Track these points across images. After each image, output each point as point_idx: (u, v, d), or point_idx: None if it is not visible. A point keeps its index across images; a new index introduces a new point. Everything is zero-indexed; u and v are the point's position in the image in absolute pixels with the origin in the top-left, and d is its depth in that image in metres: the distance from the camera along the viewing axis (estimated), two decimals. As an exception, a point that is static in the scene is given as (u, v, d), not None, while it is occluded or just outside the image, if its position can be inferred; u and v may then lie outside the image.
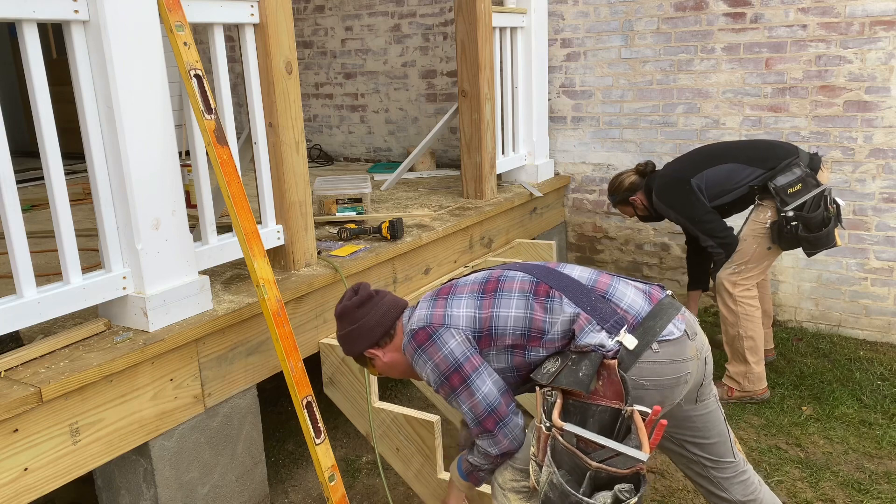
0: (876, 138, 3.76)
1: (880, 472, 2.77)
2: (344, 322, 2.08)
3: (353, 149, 5.89)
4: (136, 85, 2.08)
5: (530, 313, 1.87)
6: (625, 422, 1.71)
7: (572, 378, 1.74)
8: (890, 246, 3.84)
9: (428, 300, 2.00)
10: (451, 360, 1.88)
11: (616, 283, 1.92)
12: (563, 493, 1.63)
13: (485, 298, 1.92)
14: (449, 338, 1.89)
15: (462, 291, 1.96)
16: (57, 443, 1.94)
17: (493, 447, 1.93)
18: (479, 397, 1.88)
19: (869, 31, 3.68)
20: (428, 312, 1.94)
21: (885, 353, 3.79)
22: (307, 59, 5.85)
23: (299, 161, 2.68)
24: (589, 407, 1.73)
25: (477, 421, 1.91)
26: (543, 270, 1.96)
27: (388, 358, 2.06)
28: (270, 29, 2.49)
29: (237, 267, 2.80)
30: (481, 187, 3.95)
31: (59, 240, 2.04)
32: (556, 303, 1.86)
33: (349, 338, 2.07)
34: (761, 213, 3.17)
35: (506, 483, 1.96)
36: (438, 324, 1.91)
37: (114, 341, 2.12)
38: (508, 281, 1.94)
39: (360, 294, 2.07)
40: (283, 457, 3.09)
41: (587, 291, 1.88)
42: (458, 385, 1.89)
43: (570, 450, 1.65)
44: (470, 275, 2.06)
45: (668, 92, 4.28)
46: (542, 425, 1.73)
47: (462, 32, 3.72)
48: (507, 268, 2.02)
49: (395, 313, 2.06)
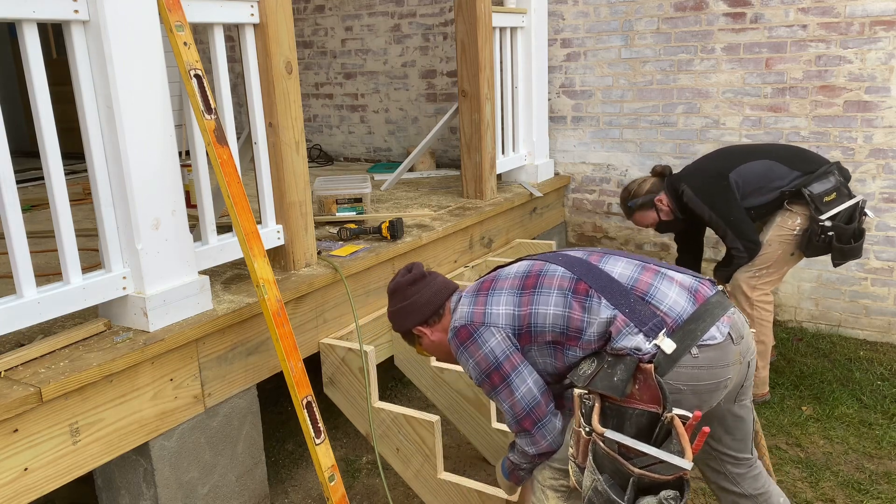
0: (876, 138, 3.76)
1: (880, 472, 2.77)
2: (396, 298, 2.14)
3: (353, 149, 5.89)
4: (136, 85, 2.08)
5: (568, 311, 1.85)
6: (664, 426, 1.68)
7: (607, 382, 1.72)
8: (890, 246, 3.84)
9: (471, 295, 2.00)
10: (492, 358, 1.89)
11: (658, 283, 1.85)
12: (609, 501, 1.62)
13: (523, 295, 1.91)
14: (489, 336, 1.90)
15: (502, 286, 1.95)
16: (57, 443, 1.94)
17: (531, 447, 1.94)
18: (518, 396, 1.89)
19: (869, 31, 3.68)
20: (469, 310, 1.95)
21: (885, 353, 3.79)
22: (307, 59, 5.85)
23: (299, 161, 2.68)
24: (625, 411, 1.71)
25: (516, 420, 1.92)
26: (584, 267, 1.92)
27: (436, 337, 2.11)
28: (270, 29, 2.49)
29: (237, 267, 2.80)
30: (481, 187, 3.95)
31: (59, 240, 2.04)
32: (594, 302, 1.83)
33: (399, 314, 2.13)
34: (790, 220, 3.07)
35: (545, 481, 1.97)
36: (479, 322, 1.92)
37: (114, 341, 2.12)
38: (548, 277, 1.91)
39: (414, 272, 2.13)
40: (283, 457, 3.09)
41: (626, 292, 1.83)
42: (498, 383, 1.90)
43: (611, 456, 1.63)
44: (513, 264, 2.05)
45: (668, 92, 4.28)
46: (582, 430, 1.71)
47: (462, 32, 3.72)
48: (548, 260, 1.98)
49: (444, 294, 2.11)
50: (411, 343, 2.20)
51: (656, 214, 3.37)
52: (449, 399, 2.93)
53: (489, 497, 2.36)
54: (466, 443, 3.03)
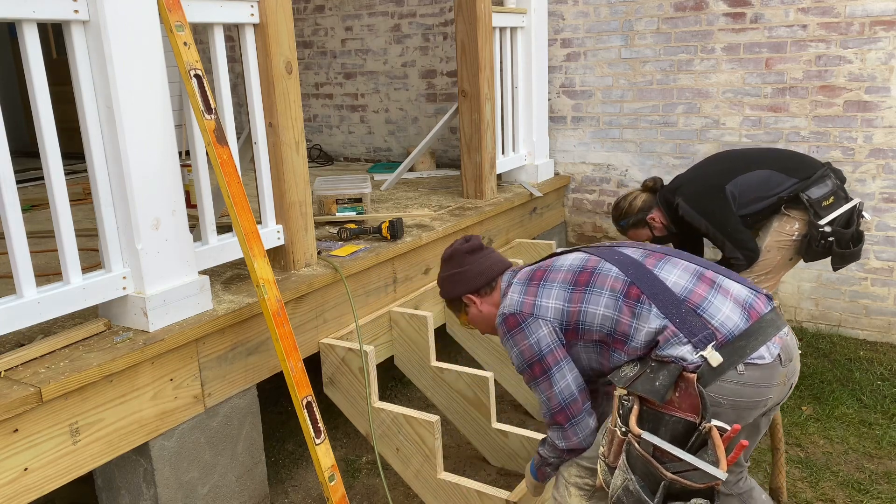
0: (876, 138, 3.76)
1: (880, 472, 2.77)
2: (451, 264, 2.16)
3: (353, 149, 5.89)
4: (136, 85, 2.08)
5: (618, 315, 1.84)
6: (701, 436, 1.67)
7: (648, 386, 1.73)
8: (890, 246, 3.84)
9: (523, 283, 2.00)
10: (536, 350, 1.91)
11: (713, 296, 1.82)
12: (639, 501, 1.62)
13: (575, 291, 1.90)
14: (536, 328, 1.91)
15: (555, 279, 1.95)
16: (57, 443, 1.94)
17: (562, 441, 1.97)
18: (556, 390, 1.92)
19: (869, 31, 3.68)
20: (520, 299, 1.96)
21: (885, 353, 3.79)
22: (307, 59, 5.85)
23: (299, 161, 2.68)
24: (663, 416, 1.71)
25: (550, 413, 1.95)
26: (639, 271, 1.88)
27: (485, 309, 2.13)
28: (270, 29, 2.49)
29: (237, 267, 2.80)
30: (481, 187, 3.95)
31: (59, 240, 2.04)
32: (644, 309, 1.81)
33: (452, 279, 2.15)
34: (788, 225, 3.06)
35: (570, 477, 2.00)
36: (528, 313, 1.93)
37: (114, 341, 2.12)
38: (601, 276, 1.89)
39: (472, 243, 2.16)
40: (283, 457, 3.09)
41: (679, 302, 1.80)
42: (538, 374, 1.93)
43: (645, 458, 1.63)
44: (568, 254, 2.03)
45: (668, 92, 4.28)
46: (618, 430, 1.72)
47: (462, 32, 3.72)
48: (604, 257, 1.95)
49: (499, 269, 2.13)
50: (456, 311, 2.21)
51: (650, 232, 3.35)
52: (449, 399, 2.93)
53: (489, 497, 2.36)
54: (466, 443, 3.03)
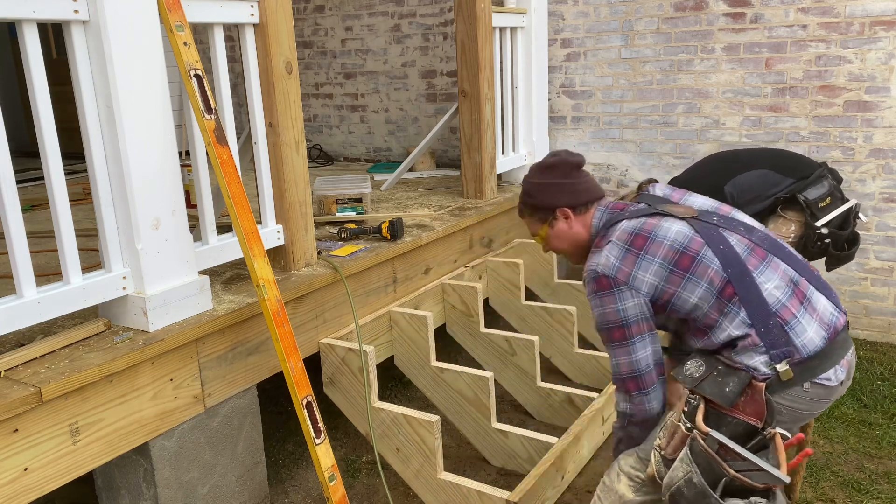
0: (876, 138, 3.76)
1: (880, 472, 2.76)
2: (555, 173, 2.10)
3: (353, 149, 5.89)
4: (136, 85, 2.08)
5: (708, 309, 1.85)
6: (763, 440, 1.72)
7: (716, 390, 1.76)
8: (890, 246, 3.84)
9: (623, 246, 1.92)
10: (622, 317, 1.89)
11: (802, 314, 1.83)
12: (702, 494, 1.66)
13: (674, 274, 1.87)
14: (628, 297, 1.88)
15: (656, 252, 1.89)
16: (57, 443, 1.94)
17: (627, 405, 1.96)
18: (632, 359, 1.91)
19: (869, 31, 3.68)
20: (617, 264, 1.90)
21: (885, 353, 3.78)
22: (307, 59, 5.85)
23: (299, 161, 2.68)
24: (725, 417, 1.74)
25: (621, 378, 1.94)
26: (740, 271, 1.86)
27: (576, 228, 2.08)
28: (270, 29, 2.49)
29: (237, 267, 2.80)
30: (481, 187, 3.95)
31: (59, 240, 2.04)
32: (733, 311, 1.83)
33: (554, 188, 2.08)
34: (783, 227, 3.00)
35: (625, 466, 2.01)
36: (622, 280, 1.88)
37: (114, 341, 2.12)
38: (703, 266, 1.86)
39: (578, 158, 2.12)
40: (283, 457, 3.09)
41: (769, 315, 1.81)
42: (617, 339, 1.91)
43: (709, 454, 1.67)
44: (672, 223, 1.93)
45: (668, 92, 4.28)
46: (683, 425, 1.76)
47: (462, 32, 3.72)
48: (708, 242, 1.90)
49: (599, 193, 2.11)
50: (538, 221, 2.13)
51: None
52: (449, 399, 2.93)
53: (489, 497, 2.36)
54: (466, 443, 3.03)
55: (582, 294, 3.79)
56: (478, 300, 3.29)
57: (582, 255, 2.14)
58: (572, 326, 3.47)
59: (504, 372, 3.29)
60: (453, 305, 3.38)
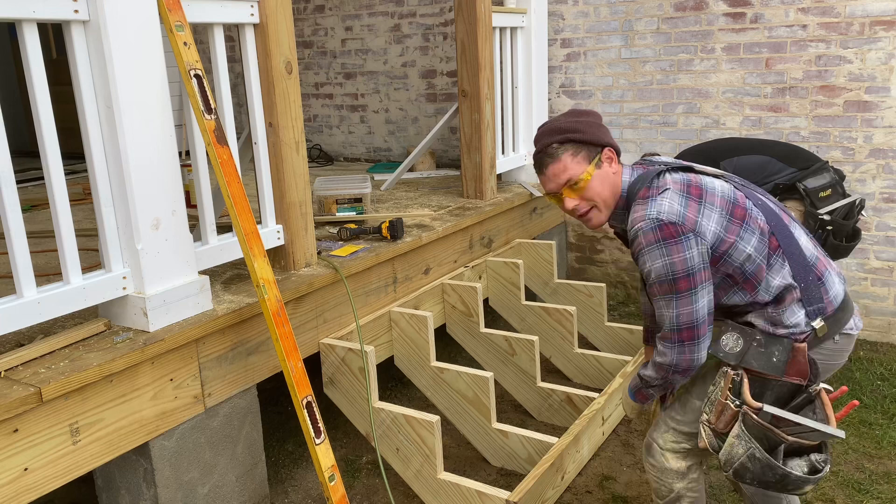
0: (876, 138, 3.76)
1: (880, 472, 2.77)
2: (592, 116, 2.07)
3: (353, 149, 5.89)
4: (136, 85, 2.08)
5: (760, 260, 1.89)
6: (809, 397, 1.83)
7: (765, 362, 1.84)
8: (890, 246, 3.84)
9: (681, 194, 1.90)
10: (690, 265, 1.85)
11: (829, 271, 1.95)
12: (768, 466, 1.77)
13: (733, 223, 1.90)
14: (695, 244, 1.85)
15: (713, 202, 1.90)
16: (57, 443, 1.94)
17: (675, 355, 1.92)
18: (693, 308, 1.88)
19: (869, 31, 3.68)
20: (682, 211, 1.87)
21: (885, 353, 3.79)
22: (307, 59, 5.85)
23: (299, 161, 2.68)
24: (768, 382, 1.84)
25: (678, 328, 1.90)
26: (779, 224, 1.94)
27: (617, 170, 2.03)
28: (270, 29, 2.49)
29: (237, 267, 2.80)
30: (481, 187, 3.95)
31: (59, 240, 2.04)
32: (778, 263, 1.90)
33: (600, 127, 2.04)
34: None
35: (666, 444, 2.08)
36: (690, 228, 1.85)
37: (114, 341, 2.12)
38: (753, 216, 1.92)
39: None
40: (283, 457, 3.09)
41: (808, 268, 1.91)
42: (683, 289, 1.87)
43: (764, 427, 1.77)
44: (714, 178, 1.98)
45: (668, 92, 4.28)
46: (731, 403, 1.83)
47: (462, 32, 3.72)
48: (748, 196, 1.96)
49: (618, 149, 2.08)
50: (585, 162, 1.99)
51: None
52: (449, 399, 2.93)
53: (489, 497, 2.36)
54: (466, 443, 3.03)
55: (582, 294, 3.79)
56: (478, 300, 3.29)
57: (611, 209, 2.06)
58: (572, 326, 3.47)
59: (504, 372, 3.29)
60: (453, 305, 3.38)
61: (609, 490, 2.73)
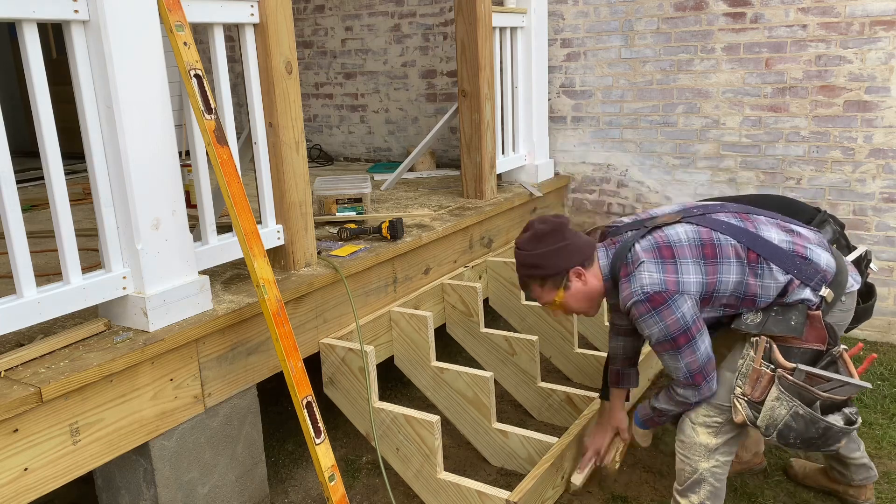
0: (876, 138, 3.76)
1: (880, 472, 2.76)
2: (554, 238, 2.17)
3: (353, 149, 5.89)
4: (136, 85, 2.08)
5: (746, 279, 2.07)
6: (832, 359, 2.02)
7: (784, 326, 2.03)
8: (890, 246, 3.84)
9: (656, 261, 2.07)
10: (683, 323, 2.04)
11: (809, 246, 2.12)
12: (812, 421, 1.93)
13: (708, 265, 2.07)
14: (682, 303, 2.04)
15: (685, 255, 2.08)
16: (57, 443, 1.94)
17: (696, 396, 2.14)
18: (696, 355, 2.08)
19: (869, 31, 3.68)
20: (661, 277, 2.05)
21: (885, 353, 3.78)
22: (307, 59, 5.85)
23: (299, 161, 2.68)
24: (791, 349, 2.02)
25: (690, 375, 2.11)
26: (749, 236, 2.11)
27: (590, 282, 2.20)
28: (270, 29, 2.49)
29: (237, 267, 2.80)
30: (481, 187, 3.95)
31: (59, 240, 2.04)
32: (765, 270, 2.07)
33: (560, 253, 2.16)
34: None
35: (697, 417, 2.17)
36: (674, 290, 2.04)
37: (114, 341, 2.12)
38: (724, 246, 2.09)
39: (562, 218, 2.23)
40: (283, 457, 3.09)
41: (791, 256, 2.08)
42: (683, 344, 2.07)
43: (800, 385, 1.93)
44: (675, 226, 2.14)
45: (668, 92, 4.28)
46: (766, 368, 2.00)
47: (462, 32, 3.72)
48: (713, 228, 2.12)
49: (593, 245, 2.23)
50: (555, 288, 2.20)
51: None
52: (449, 399, 2.93)
53: (489, 497, 2.36)
54: (466, 443, 3.03)
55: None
56: (478, 300, 3.29)
57: (598, 304, 2.27)
58: (572, 326, 3.47)
59: (504, 372, 3.29)
60: (453, 305, 3.38)
61: (609, 490, 2.73)
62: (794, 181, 3.98)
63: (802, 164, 3.97)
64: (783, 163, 4.01)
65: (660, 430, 2.90)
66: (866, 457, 2.48)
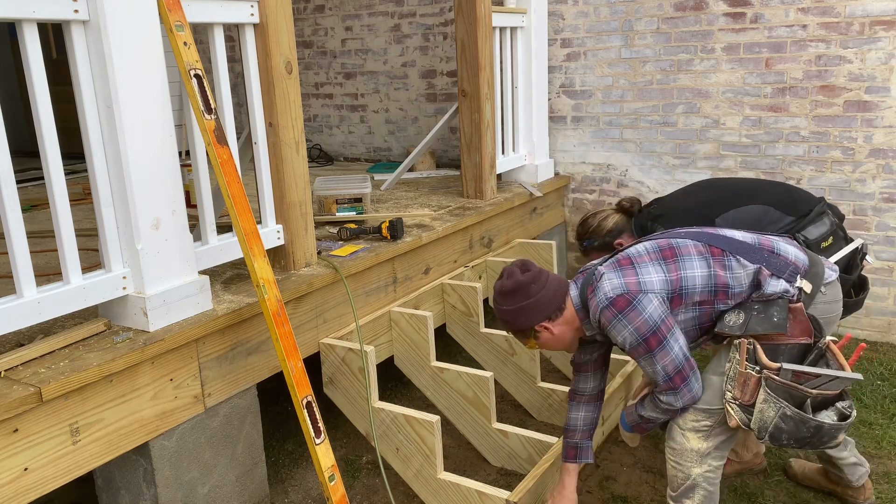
0: (876, 138, 3.76)
1: (880, 472, 2.76)
2: (517, 296, 2.17)
3: (353, 149, 5.89)
4: (136, 85, 2.08)
5: (714, 272, 2.05)
6: (820, 352, 1.98)
7: (767, 324, 1.97)
8: (890, 246, 3.84)
9: (614, 270, 2.09)
10: (651, 322, 2.01)
11: (776, 242, 2.13)
12: (801, 421, 1.89)
13: (669, 263, 2.07)
14: (647, 303, 2.01)
15: (644, 260, 2.08)
16: (57, 443, 1.94)
17: (678, 401, 2.10)
18: (672, 356, 2.04)
19: (869, 31, 3.68)
20: (622, 281, 2.05)
21: (885, 353, 3.78)
22: (307, 59, 5.85)
23: (299, 161, 2.68)
24: (778, 346, 1.97)
25: (667, 378, 2.06)
26: (709, 235, 2.13)
27: (558, 331, 2.19)
28: (270, 29, 2.49)
29: (237, 267, 2.80)
30: (481, 187, 3.95)
31: (59, 240, 2.04)
32: (733, 262, 2.06)
33: (524, 312, 2.16)
34: None
35: (686, 423, 2.14)
36: (636, 290, 2.03)
37: (114, 341, 2.12)
38: (683, 247, 2.10)
39: (532, 270, 2.19)
40: (283, 457, 3.09)
41: (757, 250, 2.08)
42: (654, 346, 2.03)
43: (788, 385, 1.90)
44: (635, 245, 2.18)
45: (668, 92, 4.28)
46: (752, 371, 1.96)
47: (462, 32, 3.72)
48: (670, 236, 2.16)
49: (565, 289, 2.20)
50: (525, 338, 2.25)
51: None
52: (449, 399, 2.93)
53: (489, 497, 2.36)
54: (466, 443, 3.03)
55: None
56: (478, 300, 3.29)
57: (575, 341, 2.27)
58: (572, 326, 3.46)
59: (504, 372, 3.29)
60: (453, 305, 3.38)
61: (609, 490, 2.73)
62: (794, 181, 3.98)
63: (802, 164, 3.97)
64: (783, 163, 4.02)
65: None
66: (855, 455, 2.47)
